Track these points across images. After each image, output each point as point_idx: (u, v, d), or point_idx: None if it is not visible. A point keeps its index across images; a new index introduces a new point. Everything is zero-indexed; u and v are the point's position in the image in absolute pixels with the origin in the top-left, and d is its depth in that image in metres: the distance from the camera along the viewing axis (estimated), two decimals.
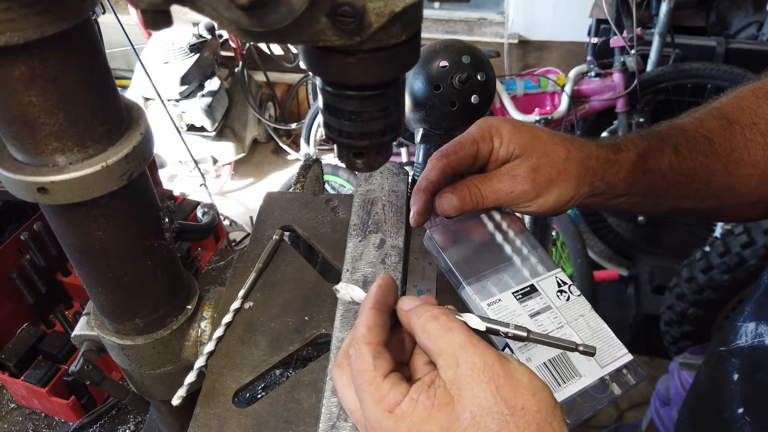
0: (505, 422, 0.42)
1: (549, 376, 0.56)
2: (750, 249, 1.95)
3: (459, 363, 0.44)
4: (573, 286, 0.64)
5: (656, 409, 1.80)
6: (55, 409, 1.01)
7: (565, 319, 0.61)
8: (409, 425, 0.44)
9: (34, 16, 0.42)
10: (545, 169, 0.64)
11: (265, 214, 0.87)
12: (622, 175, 0.67)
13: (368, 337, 0.48)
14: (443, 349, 0.45)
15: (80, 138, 0.51)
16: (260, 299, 0.76)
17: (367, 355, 0.47)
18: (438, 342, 0.46)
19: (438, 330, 0.46)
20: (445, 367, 0.45)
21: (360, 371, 0.47)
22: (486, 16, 3.86)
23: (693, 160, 0.70)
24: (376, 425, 0.45)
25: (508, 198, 0.65)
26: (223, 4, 0.37)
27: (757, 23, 2.98)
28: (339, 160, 0.55)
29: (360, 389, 0.46)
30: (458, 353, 0.45)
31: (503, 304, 0.61)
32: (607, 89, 2.62)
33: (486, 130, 0.66)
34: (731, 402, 0.70)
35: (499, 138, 0.66)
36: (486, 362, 0.44)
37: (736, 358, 0.72)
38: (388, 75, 0.46)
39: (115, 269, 0.61)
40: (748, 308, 0.73)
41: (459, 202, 0.64)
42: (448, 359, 0.45)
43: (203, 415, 0.65)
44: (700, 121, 0.73)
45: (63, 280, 1.17)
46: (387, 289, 0.51)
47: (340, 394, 0.51)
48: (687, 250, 2.29)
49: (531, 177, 0.64)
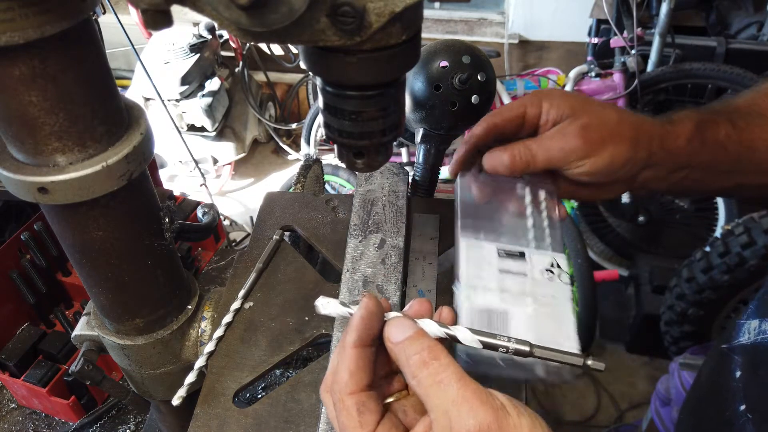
0: None
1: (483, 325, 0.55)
2: (750, 249, 1.95)
3: (452, 426, 0.41)
4: (567, 275, 0.62)
5: (656, 409, 1.80)
6: (56, 409, 1.01)
7: (534, 290, 0.59)
8: None
9: (35, 16, 0.42)
10: (597, 128, 0.64)
11: (265, 214, 0.87)
12: (681, 143, 0.66)
13: (350, 385, 0.46)
14: (435, 406, 0.43)
15: (80, 138, 0.51)
16: (260, 299, 0.76)
17: (352, 410, 0.45)
18: (429, 393, 0.43)
19: (428, 379, 0.43)
20: (438, 427, 0.42)
21: (346, 426, 0.45)
22: (486, 16, 3.86)
23: (751, 132, 0.68)
24: None
25: (559, 156, 0.64)
26: (223, 4, 0.37)
27: (758, 23, 2.98)
28: (339, 160, 0.55)
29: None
30: (451, 412, 0.41)
31: (481, 252, 0.62)
32: (607, 89, 2.62)
33: (534, 96, 0.67)
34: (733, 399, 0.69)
35: (549, 101, 0.66)
36: (481, 425, 0.40)
37: (738, 355, 0.72)
38: (389, 75, 0.46)
39: (116, 269, 0.61)
40: (751, 305, 0.73)
41: (509, 160, 0.64)
42: (440, 419, 0.42)
43: (203, 415, 0.65)
44: (751, 99, 0.72)
45: (63, 280, 1.17)
46: (370, 319, 0.47)
47: (331, 420, 0.49)
48: (687, 250, 2.29)
49: (582, 134, 0.63)
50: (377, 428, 0.45)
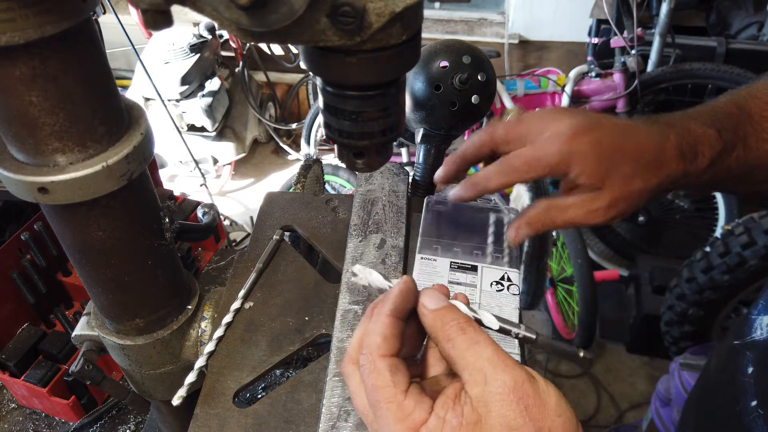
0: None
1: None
2: (750, 249, 1.95)
3: (488, 380, 0.43)
4: (516, 287, 0.69)
5: (656, 409, 1.80)
6: (56, 409, 1.01)
7: (480, 301, 0.68)
8: None
9: (35, 16, 0.42)
10: (621, 204, 0.63)
11: (265, 214, 0.87)
12: (694, 181, 0.66)
13: (383, 348, 0.46)
14: (470, 364, 0.44)
15: (81, 138, 0.51)
16: (260, 299, 0.76)
17: (385, 370, 0.45)
18: (464, 355, 0.45)
19: (465, 342, 0.45)
20: (472, 382, 0.43)
21: (377, 387, 0.45)
22: (486, 17, 3.86)
23: (758, 149, 0.67)
24: None
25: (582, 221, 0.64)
26: (223, 4, 0.37)
27: (758, 23, 2.98)
28: (339, 160, 0.55)
29: (378, 406, 0.45)
30: (486, 369, 0.43)
31: (434, 264, 0.68)
32: (607, 89, 2.62)
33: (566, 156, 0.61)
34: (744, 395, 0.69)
35: (579, 165, 0.61)
36: (516, 381, 0.42)
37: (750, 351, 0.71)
38: (389, 75, 0.46)
39: (116, 269, 0.61)
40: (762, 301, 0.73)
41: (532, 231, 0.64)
42: (475, 375, 0.43)
43: (203, 415, 0.65)
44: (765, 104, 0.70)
45: (63, 280, 1.17)
46: (408, 294, 0.49)
47: (352, 394, 0.49)
48: (687, 250, 2.29)
49: (606, 212, 0.63)
50: (410, 391, 0.45)
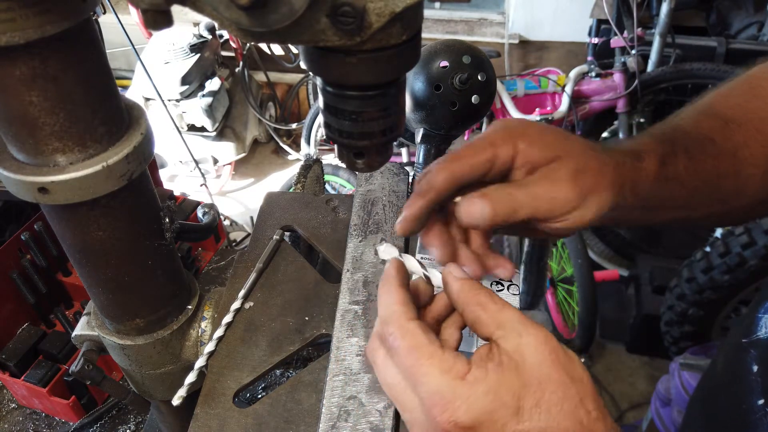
0: (567, 389, 0.44)
1: None
2: (750, 249, 1.95)
3: (522, 334, 0.46)
4: (515, 287, 0.67)
5: (657, 409, 1.80)
6: (56, 409, 1.01)
7: None
8: (486, 389, 0.44)
9: (35, 16, 0.42)
10: (589, 174, 0.56)
11: (265, 214, 0.87)
12: (648, 184, 0.61)
13: (408, 313, 0.49)
14: (503, 321, 0.47)
15: (81, 138, 0.51)
16: (260, 299, 0.76)
17: (417, 330, 0.47)
18: (497, 316, 0.48)
19: (495, 305, 0.48)
20: (507, 337, 0.46)
21: (413, 347, 0.46)
22: (486, 17, 3.86)
23: (704, 162, 0.65)
24: (446, 395, 0.44)
25: (547, 206, 0.55)
26: (223, 4, 0.37)
27: (758, 23, 2.98)
28: (339, 160, 0.55)
29: (419, 364, 0.46)
30: (519, 326, 0.46)
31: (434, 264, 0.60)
32: (607, 89, 2.62)
33: (506, 133, 0.56)
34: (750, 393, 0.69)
35: (526, 140, 0.56)
36: (546, 336, 0.46)
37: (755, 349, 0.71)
38: (389, 75, 0.46)
39: (116, 269, 0.61)
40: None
41: (491, 210, 0.54)
42: (509, 331, 0.46)
43: (203, 415, 0.65)
44: (696, 122, 0.69)
45: (63, 280, 1.17)
46: (403, 270, 0.53)
47: (379, 370, 0.50)
48: (687, 250, 2.29)
49: (575, 181, 0.55)
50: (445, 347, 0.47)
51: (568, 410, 0.44)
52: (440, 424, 0.44)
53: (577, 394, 0.44)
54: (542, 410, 0.44)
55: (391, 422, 0.57)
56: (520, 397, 0.44)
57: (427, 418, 0.46)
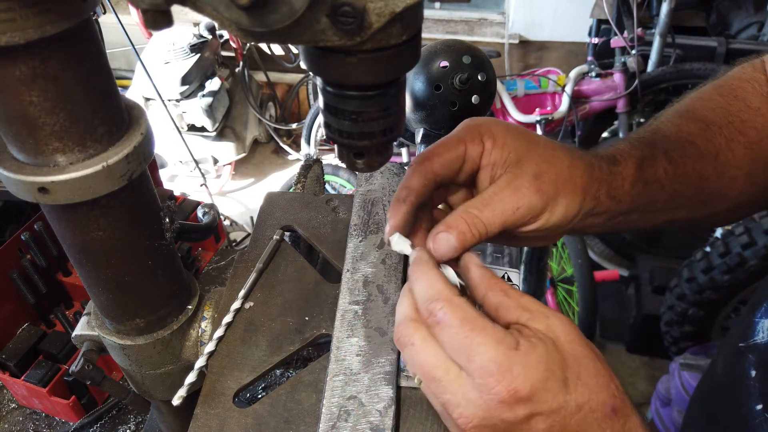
0: (597, 364, 0.47)
1: None
2: (750, 249, 1.95)
3: (549, 316, 0.48)
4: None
5: (657, 409, 1.80)
6: (56, 409, 1.01)
7: None
8: (537, 358, 0.45)
9: (35, 16, 0.42)
10: (550, 176, 0.56)
11: (265, 214, 0.87)
12: (626, 188, 0.62)
13: (454, 289, 0.49)
14: (528, 306, 0.49)
15: (81, 138, 0.51)
16: (261, 299, 0.76)
17: (467, 305, 0.48)
18: (521, 301, 0.49)
19: (516, 293, 0.50)
20: (536, 318, 0.48)
21: (465, 319, 0.47)
22: (486, 17, 3.86)
23: (685, 165, 0.66)
24: (503, 364, 0.45)
25: (514, 218, 0.55)
26: (223, 4, 0.37)
27: (758, 23, 2.98)
28: (339, 161, 0.55)
29: (472, 336, 0.46)
30: (543, 309, 0.49)
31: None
32: (607, 89, 2.62)
33: (474, 130, 0.58)
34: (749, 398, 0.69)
35: (491, 139, 0.57)
36: (568, 319, 0.48)
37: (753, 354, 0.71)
38: (389, 75, 0.46)
39: (116, 269, 0.61)
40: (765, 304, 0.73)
41: (459, 242, 0.54)
42: (536, 314, 0.48)
43: (203, 415, 0.65)
44: (676, 125, 0.69)
45: (63, 280, 1.17)
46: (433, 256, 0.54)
47: (417, 354, 0.48)
48: (687, 250, 2.29)
49: (536, 186, 0.55)
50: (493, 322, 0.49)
51: (603, 384, 0.47)
52: (499, 394, 0.44)
53: (605, 370, 0.47)
54: (583, 383, 0.46)
55: (392, 422, 0.57)
56: (564, 369, 0.46)
57: (480, 392, 0.45)
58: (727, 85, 0.73)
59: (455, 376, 0.46)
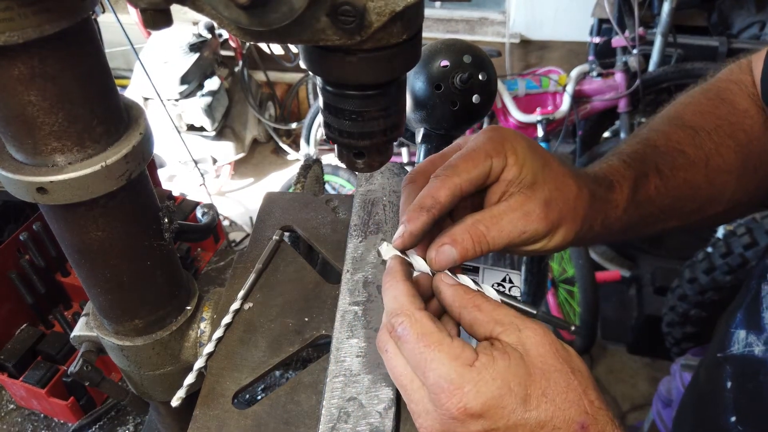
0: (570, 380, 0.46)
1: None
2: (752, 250, 1.94)
3: (521, 328, 0.48)
4: (517, 288, 0.68)
5: (658, 411, 1.80)
6: (54, 410, 1.01)
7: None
8: (493, 374, 0.45)
9: (34, 16, 0.42)
10: (558, 204, 0.57)
11: (265, 215, 0.87)
12: (618, 214, 0.63)
13: (415, 303, 0.49)
14: (501, 319, 0.49)
15: (79, 138, 0.51)
16: (260, 300, 0.75)
17: (425, 319, 0.48)
18: (494, 314, 0.49)
19: (490, 305, 0.50)
20: (507, 331, 0.48)
21: (423, 334, 0.47)
22: (487, 16, 3.86)
23: (676, 178, 0.66)
24: (455, 381, 0.45)
25: (518, 240, 0.56)
26: (222, 3, 0.37)
27: (760, 23, 2.98)
28: (339, 160, 0.54)
29: (428, 351, 0.46)
30: (517, 321, 0.48)
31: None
32: (609, 89, 2.62)
33: (499, 145, 0.56)
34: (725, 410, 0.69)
35: (514, 155, 0.56)
36: (544, 330, 0.48)
37: (729, 365, 0.71)
38: (389, 74, 0.46)
39: (115, 270, 0.61)
40: (739, 315, 0.73)
41: (460, 256, 0.53)
42: (508, 326, 0.48)
43: (203, 416, 0.64)
44: (666, 134, 0.69)
45: (62, 280, 1.16)
46: (406, 264, 0.55)
47: (389, 363, 0.50)
48: (689, 251, 2.29)
49: (545, 213, 0.56)
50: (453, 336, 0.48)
51: (573, 399, 0.45)
52: (449, 411, 0.45)
53: (579, 384, 0.46)
54: (548, 399, 0.45)
55: (391, 423, 0.57)
56: (527, 385, 0.45)
57: (435, 405, 0.46)
58: (715, 88, 0.74)
59: (418, 387, 0.48)
